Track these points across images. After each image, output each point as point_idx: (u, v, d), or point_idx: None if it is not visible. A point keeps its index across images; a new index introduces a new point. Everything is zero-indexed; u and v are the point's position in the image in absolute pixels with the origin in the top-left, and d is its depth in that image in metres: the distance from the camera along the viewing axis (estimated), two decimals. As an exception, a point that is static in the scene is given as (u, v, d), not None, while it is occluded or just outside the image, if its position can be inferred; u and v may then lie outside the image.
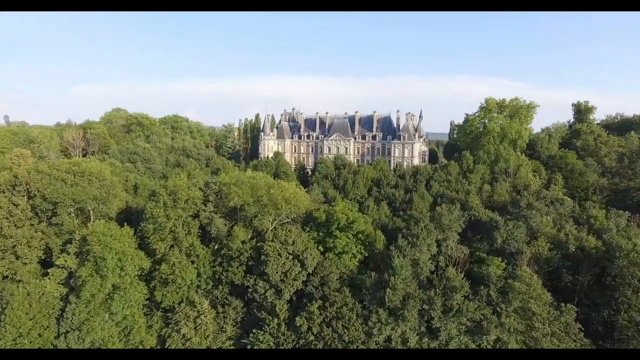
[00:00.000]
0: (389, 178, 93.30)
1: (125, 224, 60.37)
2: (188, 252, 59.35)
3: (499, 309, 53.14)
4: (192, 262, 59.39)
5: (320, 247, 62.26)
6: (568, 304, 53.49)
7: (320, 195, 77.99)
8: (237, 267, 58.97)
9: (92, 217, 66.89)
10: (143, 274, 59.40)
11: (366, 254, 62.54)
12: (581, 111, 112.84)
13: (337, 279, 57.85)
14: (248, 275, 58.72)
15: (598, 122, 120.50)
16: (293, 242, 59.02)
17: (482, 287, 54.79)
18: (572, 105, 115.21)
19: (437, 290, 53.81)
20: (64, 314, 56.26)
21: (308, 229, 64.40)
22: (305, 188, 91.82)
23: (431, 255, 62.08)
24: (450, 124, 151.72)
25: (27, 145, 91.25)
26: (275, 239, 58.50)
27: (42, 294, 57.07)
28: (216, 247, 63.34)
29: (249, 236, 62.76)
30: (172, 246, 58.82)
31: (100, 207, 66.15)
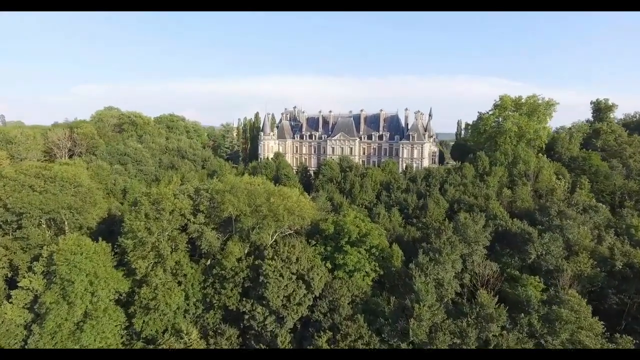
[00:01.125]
0: (399, 181, 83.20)
1: (100, 238, 50.06)
2: (174, 271, 49.16)
3: (543, 342, 43.09)
4: (179, 283, 49.19)
5: (328, 264, 52.17)
6: (624, 335, 43.36)
7: (327, 203, 67.63)
8: (232, 289, 48.77)
9: (67, 229, 56.65)
10: (122, 296, 49.17)
11: (381, 272, 52.41)
12: (601, 109, 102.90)
13: (348, 303, 47.76)
14: (244, 298, 48.54)
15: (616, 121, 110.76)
16: (297, 260, 48.88)
17: (522, 314, 44.59)
18: (591, 103, 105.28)
19: (469, 319, 43.67)
20: (26, 346, 46.03)
21: (314, 242, 54.29)
22: (308, 192, 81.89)
23: (455, 272, 52.15)
24: (458, 123, 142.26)
25: (3, 147, 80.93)
26: (276, 256, 48.33)
27: (2, 322, 46.83)
28: (208, 262, 53.22)
29: (246, 251, 52.64)
30: (155, 264, 48.55)
31: (75, 217, 55.88)
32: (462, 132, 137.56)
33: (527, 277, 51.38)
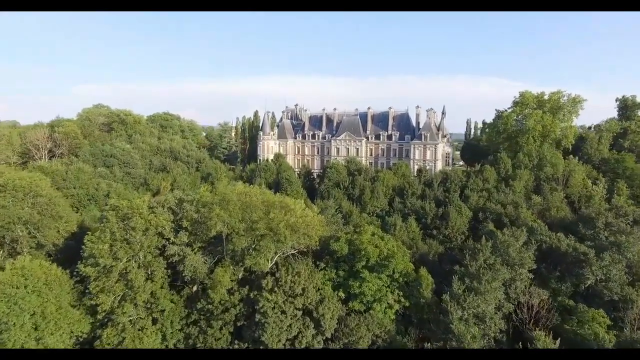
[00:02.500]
0: (414, 186, 71.67)
1: (55, 265, 38.44)
2: (148, 305, 37.61)
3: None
4: (154, 321, 37.67)
5: (341, 293, 40.75)
6: None
7: (338, 216, 56.04)
8: (221, 329, 37.29)
9: (24, 249, 44.98)
10: (83, 338, 37.60)
11: (406, 304, 40.96)
12: (627, 107, 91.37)
13: (368, 347, 36.41)
14: (237, 341, 37.15)
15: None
16: (303, 291, 37.44)
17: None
18: (617, 100, 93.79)
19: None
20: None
21: (323, 265, 42.83)
22: (312, 198, 70.42)
23: (496, 303, 40.84)
24: (467, 122, 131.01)
25: (-32, 147, 69.48)
26: (276, 288, 36.85)
27: None
28: (193, 289, 41.72)
29: (240, 276, 41.20)
30: (123, 298, 37.01)
31: (32, 233, 44.30)
32: (473, 131, 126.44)
33: (586, 309, 40.12)
